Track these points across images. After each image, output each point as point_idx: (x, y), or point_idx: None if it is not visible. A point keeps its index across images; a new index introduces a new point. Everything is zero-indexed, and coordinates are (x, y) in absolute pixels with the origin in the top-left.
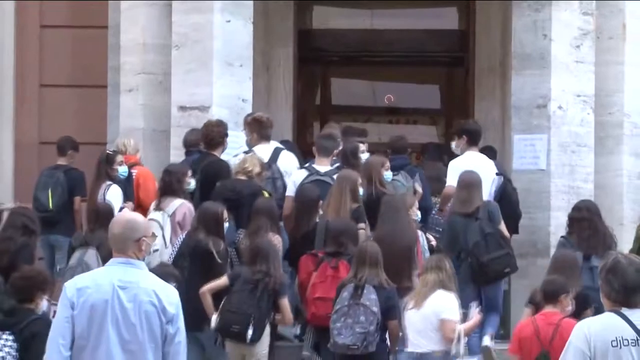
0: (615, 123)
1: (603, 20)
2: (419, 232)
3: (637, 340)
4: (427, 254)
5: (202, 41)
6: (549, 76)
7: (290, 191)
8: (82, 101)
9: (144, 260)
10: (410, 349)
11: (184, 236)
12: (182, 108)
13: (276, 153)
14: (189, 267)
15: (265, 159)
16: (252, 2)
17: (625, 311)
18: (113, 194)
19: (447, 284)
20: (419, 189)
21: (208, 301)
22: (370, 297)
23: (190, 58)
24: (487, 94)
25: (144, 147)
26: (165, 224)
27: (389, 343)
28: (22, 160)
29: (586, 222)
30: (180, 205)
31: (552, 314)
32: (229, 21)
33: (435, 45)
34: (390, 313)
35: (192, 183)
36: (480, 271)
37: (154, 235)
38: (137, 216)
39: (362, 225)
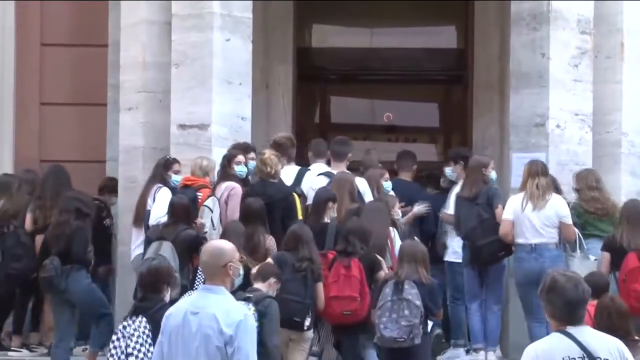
0: (613, 142)
1: (601, 39)
2: (391, 229)
3: (584, 358)
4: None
5: (201, 59)
6: (547, 95)
7: (310, 197)
8: (82, 119)
9: (234, 284)
10: (522, 241)
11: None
12: (182, 126)
13: (300, 174)
14: None
15: (289, 181)
16: (251, 20)
17: (570, 329)
18: (161, 196)
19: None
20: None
21: None
22: (411, 292)
23: (190, 76)
24: (485, 112)
25: (144, 166)
26: (214, 208)
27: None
28: None
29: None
30: (226, 187)
31: None
32: (228, 40)
33: (433, 63)
34: (432, 307)
35: (240, 168)
36: (476, 255)
37: (241, 258)
38: (224, 243)
39: None
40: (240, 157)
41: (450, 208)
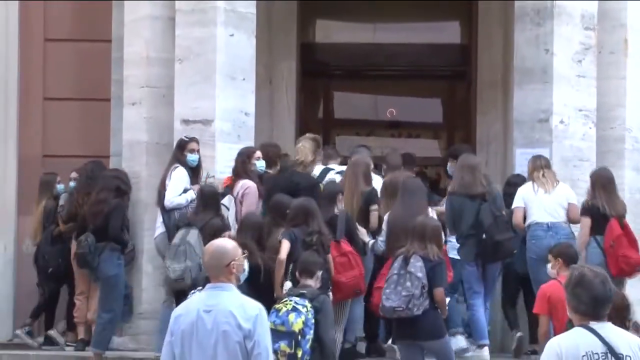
0: (617, 137)
1: (605, 35)
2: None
3: (607, 354)
4: None
5: (205, 55)
6: (551, 90)
7: None
8: (85, 114)
9: (239, 279)
10: (539, 220)
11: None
12: (185, 121)
13: (323, 174)
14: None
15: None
16: (255, 16)
17: (594, 325)
18: (176, 175)
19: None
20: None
21: (282, 270)
22: (416, 265)
23: (194, 71)
24: (489, 108)
25: (147, 161)
26: (231, 206)
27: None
28: (26, 173)
29: None
30: (242, 185)
31: None
32: (232, 35)
33: (437, 59)
34: (435, 281)
35: (260, 163)
36: (494, 249)
37: (244, 254)
38: (225, 242)
39: (374, 207)
40: (259, 153)
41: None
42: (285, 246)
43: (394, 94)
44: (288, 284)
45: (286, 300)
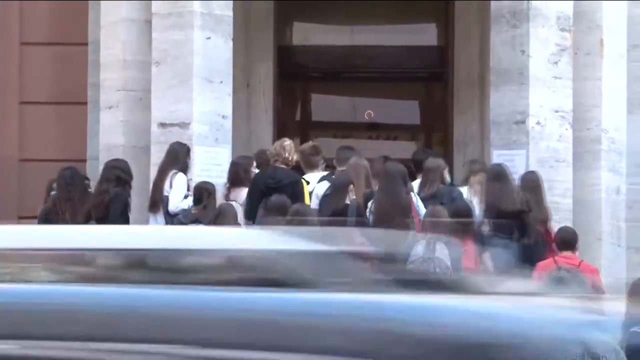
0: (593, 138)
1: (581, 36)
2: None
3: None
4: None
5: (182, 58)
6: (527, 92)
7: (314, 204)
8: (62, 118)
9: None
10: None
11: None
12: (162, 125)
13: (322, 181)
14: None
15: (311, 187)
16: (232, 18)
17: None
18: (178, 181)
19: None
20: None
21: None
22: (443, 252)
23: (171, 75)
24: (466, 109)
25: None
26: (238, 211)
27: None
28: (2, 178)
29: None
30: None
31: (571, 256)
32: (209, 38)
33: (414, 61)
34: (456, 267)
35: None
36: None
37: None
38: None
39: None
40: (254, 163)
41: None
42: None
43: (372, 96)
44: None
45: None
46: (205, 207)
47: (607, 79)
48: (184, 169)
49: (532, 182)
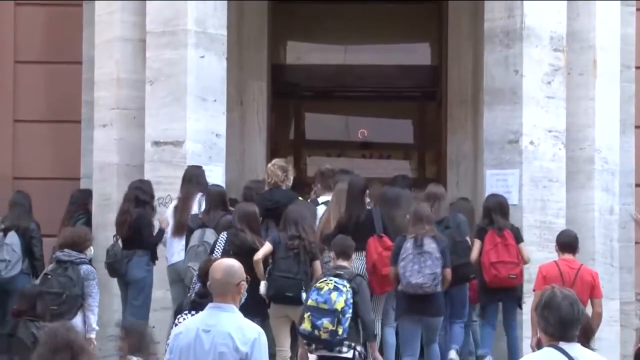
0: (587, 158)
1: (574, 56)
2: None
3: None
4: None
5: (176, 76)
6: (521, 111)
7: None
8: (56, 136)
9: (241, 301)
10: None
11: (226, 235)
12: (156, 143)
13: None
14: None
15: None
16: (226, 37)
17: (563, 345)
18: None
19: None
20: None
21: (261, 268)
22: (431, 246)
23: (164, 93)
24: (459, 129)
25: (118, 182)
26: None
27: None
28: None
29: None
30: None
31: (572, 260)
32: (202, 57)
33: (407, 80)
34: (445, 261)
35: None
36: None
37: (247, 278)
38: (233, 262)
39: None
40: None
41: None
42: (265, 248)
43: (365, 114)
44: (263, 284)
45: (326, 280)
46: (207, 212)
47: (600, 99)
48: (204, 190)
49: (500, 204)
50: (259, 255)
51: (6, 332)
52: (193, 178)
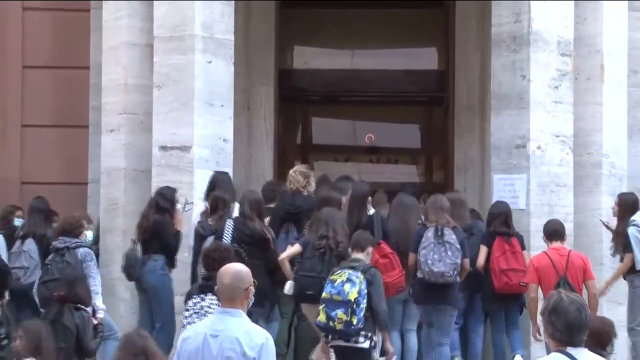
0: (594, 163)
1: (581, 61)
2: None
3: None
4: None
5: (183, 81)
6: (528, 116)
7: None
8: (63, 141)
9: (248, 305)
10: None
11: (233, 222)
12: (163, 148)
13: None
14: (247, 251)
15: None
16: (233, 42)
17: (570, 350)
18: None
19: None
20: None
21: (287, 267)
22: (452, 237)
23: (172, 98)
24: (467, 133)
25: (126, 187)
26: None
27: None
28: (3, 200)
29: None
30: None
31: (560, 247)
32: (210, 62)
33: (414, 85)
34: (464, 252)
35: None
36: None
37: (255, 283)
38: (241, 266)
39: None
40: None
41: None
42: (293, 248)
43: (372, 119)
44: (289, 284)
45: (340, 272)
46: (222, 217)
47: (608, 104)
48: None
49: (506, 211)
50: (283, 254)
51: (49, 317)
52: (223, 185)
